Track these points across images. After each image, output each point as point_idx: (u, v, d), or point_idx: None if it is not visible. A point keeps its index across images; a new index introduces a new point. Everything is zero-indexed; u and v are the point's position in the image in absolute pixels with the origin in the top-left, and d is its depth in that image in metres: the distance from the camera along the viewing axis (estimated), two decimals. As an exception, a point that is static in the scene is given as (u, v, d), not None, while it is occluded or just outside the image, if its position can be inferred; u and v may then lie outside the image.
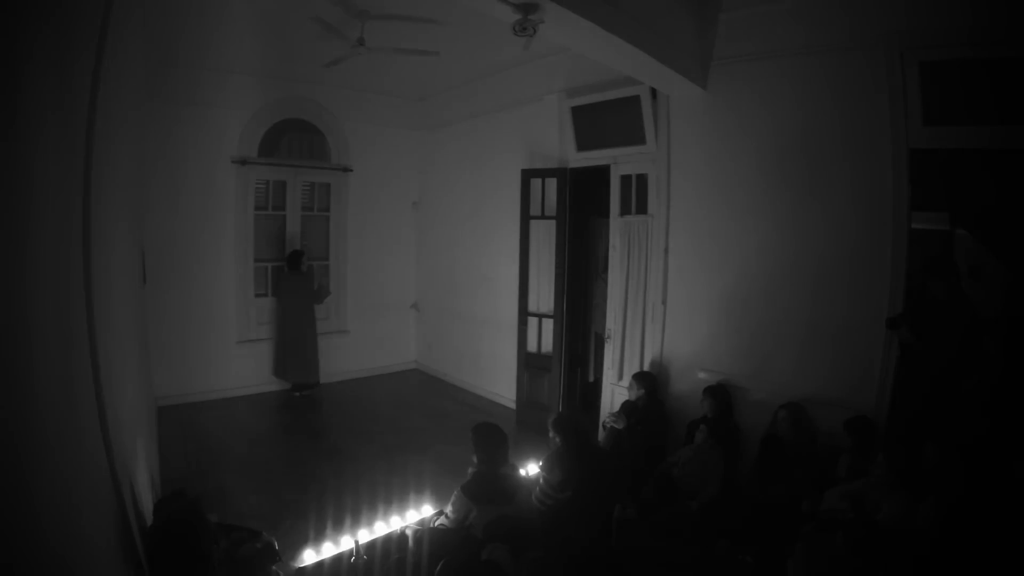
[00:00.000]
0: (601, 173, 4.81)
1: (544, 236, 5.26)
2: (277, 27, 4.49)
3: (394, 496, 3.56)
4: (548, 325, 5.23)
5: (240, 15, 4.25)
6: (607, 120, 4.62)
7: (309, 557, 2.78)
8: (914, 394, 3.17)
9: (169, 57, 5.00)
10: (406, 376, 7.08)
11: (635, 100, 4.35)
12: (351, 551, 2.81)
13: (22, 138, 1.02)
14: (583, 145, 4.86)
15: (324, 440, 4.99)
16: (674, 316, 4.30)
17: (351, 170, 6.56)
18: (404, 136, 7.03)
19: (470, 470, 2.90)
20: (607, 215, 4.82)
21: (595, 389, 5.21)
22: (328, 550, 2.85)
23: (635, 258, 4.57)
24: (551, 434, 3.30)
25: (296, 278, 5.92)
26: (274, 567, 2.34)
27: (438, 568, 2.15)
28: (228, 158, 5.73)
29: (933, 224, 4.23)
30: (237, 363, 5.93)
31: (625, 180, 4.66)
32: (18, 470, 0.94)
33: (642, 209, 4.51)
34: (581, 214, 5.26)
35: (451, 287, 6.72)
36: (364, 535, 2.90)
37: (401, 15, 4.03)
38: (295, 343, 5.95)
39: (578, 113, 4.78)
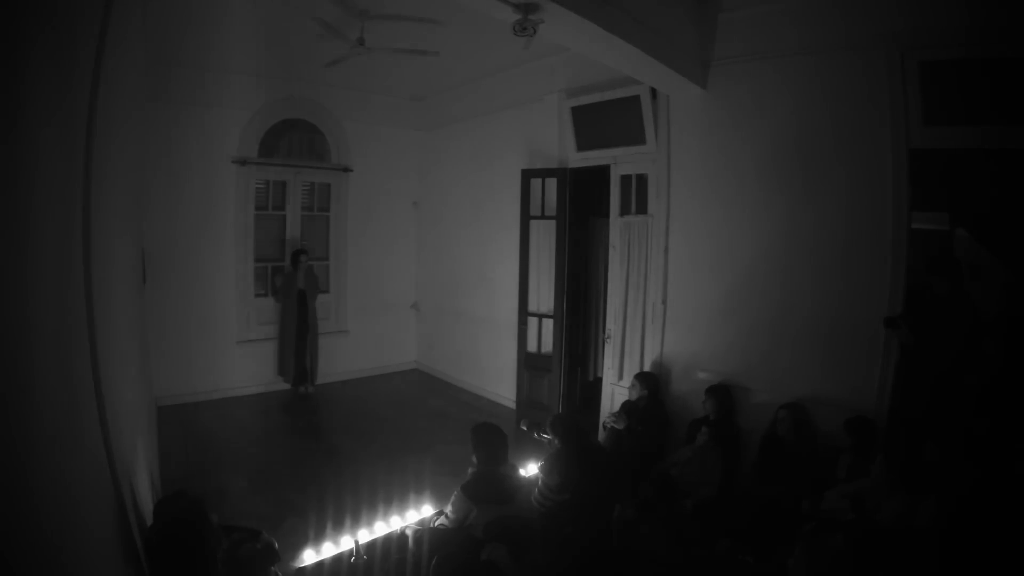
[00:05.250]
0: (601, 173, 4.81)
1: (544, 236, 5.26)
2: (277, 27, 4.49)
3: (394, 496, 3.56)
4: (548, 325, 5.23)
5: (240, 15, 4.25)
6: (607, 120, 4.62)
7: (309, 557, 2.78)
8: (914, 394, 3.17)
9: (169, 57, 5.00)
10: (406, 376, 7.08)
11: (635, 100, 4.35)
12: (351, 551, 2.82)
13: (23, 138, 1.02)
14: (583, 145, 4.86)
15: (324, 440, 4.99)
16: (674, 316, 4.30)
17: (351, 170, 6.56)
18: (404, 136, 7.03)
19: (470, 470, 2.90)
20: (607, 215, 4.82)
21: (595, 389, 5.21)
22: (328, 550, 2.85)
23: (635, 258, 4.57)
24: (549, 436, 3.30)
25: (292, 277, 5.93)
26: (274, 567, 2.34)
27: (433, 563, 2.15)
28: (228, 158, 5.73)
29: (933, 224, 4.23)
30: (237, 363, 5.93)
31: (625, 180, 4.66)
32: (18, 470, 0.94)
33: (642, 209, 4.51)
34: (581, 214, 5.26)
35: (451, 287, 6.72)
36: (364, 535, 2.90)
37: (401, 15, 4.03)
38: (283, 343, 6.00)
39: (578, 113, 4.78)
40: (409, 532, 2.90)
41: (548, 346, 5.23)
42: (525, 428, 3.69)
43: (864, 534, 2.43)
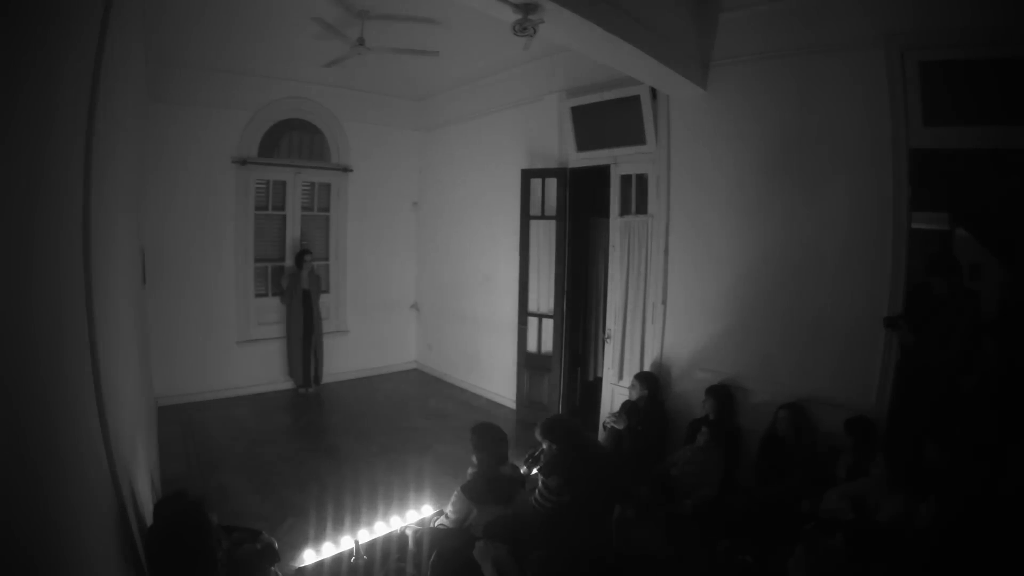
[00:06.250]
0: (601, 173, 4.81)
1: (544, 236, 5.26)
2: (277, 27, 4.50)
3: (394, 496, 3.56)
4: (548, 325, 5.23)
5: (240, 15, 4.25)
6: (607, 120, 4.62)
7: (309, 557, 2.78)
8: (914, 394, 3.17)
9: (169, 57, 5.00)
10: (406, 376, 7.08)
11: (635, 100, 4.35)
12: (351, 551, 2.82)
13: (22, 138, 1.02)
14: (583, 145, 4.86)
15: (324, 440, 4.99)
16: (674, 316, 4.30)
17: (351, 170, 6.56)
18: (404, 136, 7.03)
19: (470, 470, 2.90)
20: (607, 215, 4.82)
21: (595, 389, 5.21)
22: (328, 550, 2.85)
23: (635, 258, 4.57)
24: (541, 440, 3.24)
25: (296, 278, 5.96)
26: (274, 567, 2.34)
27: (431, 558, 2.15)
28: (228, 158, 5.73)
29: (933, 224, 4.24)
30: (237, 363, 5.94)
31: (625, 180, 4.66)
32: (17, 470, 0.94)
33: (642, 209, 4.51)
34: (581, 214, 5.26)
35: (451, 287, 6.72)
36: (364, 535, 2.90)
37: (401, 15, 4.03)
38: (291, 343, 6.06)
39: (578, 113, 4.78)
40: (409, 532, 2.90)
41: (548, 346, 5.23)
42: (528, 465, 3.51)
43: (864, 534, 2.43)
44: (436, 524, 2.87)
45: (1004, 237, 4.02)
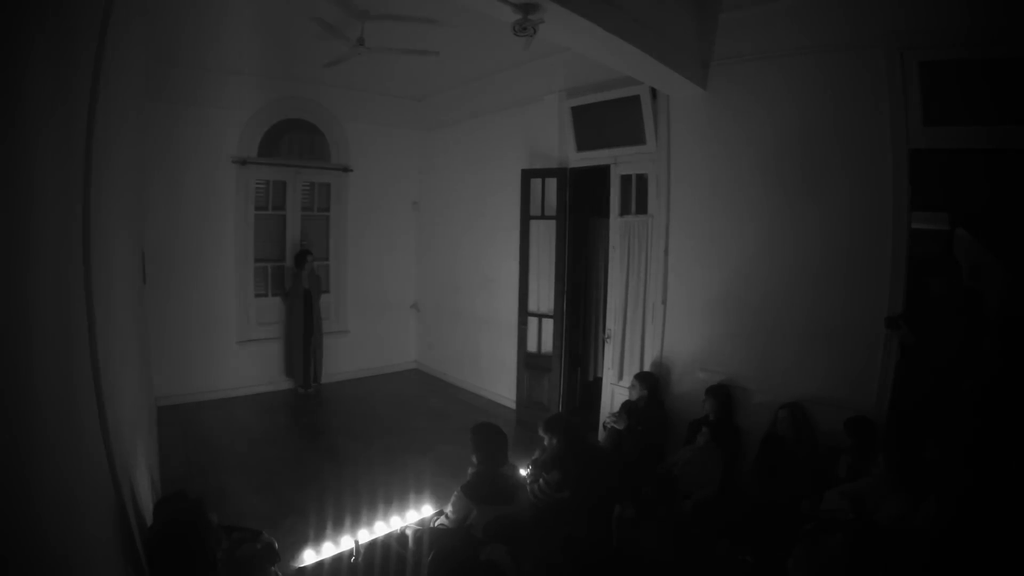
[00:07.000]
0: (601, 173, 4.81)
1: (544, 236, 5.26)
2: (277, 27, 4.49)
3: (394, 496, 3.56)
4: (548, 325, 5.23)
5: (240, 15, 4.25)
6: (607, 120, 4.62)
7: (309, 557, 2.79)
8: (914, 394, 3.17)
9: (169, 57, 5.00)
10: (406, 376, 7.08)
11: (635, 100, 4.35)
12: (351, 551, 2.82)
13: (22, 139, 1.02)
14: (583, 145, 4.86)
15: (324, 440, 4.99)
16: (674, 316, 4.30)
17: (351, 170, 6.56)
18: (404, 136, 7.03)
19: (470, 470, 2.90)
20: (607, 215, 4.82)
21: (595, 389, 5.21)
22: (328, 550, 2.85)
23: (635, 258, 4.57)
24: (544, 436, 3.29)
25: (297, 278, 5.96)
26: (274, 567, 2.34)
27: (429, 559, 2.15)
28: (228, 158, 5.73)
29: (933, 224, 4.23)
30: (237, 363, 5.94)
31: (625, 180, 4.66)
32: (18, 470, 0.94)
33: (642, 209, 4.51)
34: (581, 214, 5.26)
35: (451, 287, 6.72)
36: (364, 535, 2.90)
37: (401, 15, 4.03)
38: (290, 343, 6.07)
39: (578, 113, 4.78)
40: (409, 532, 2.90)
41: (548, 346, 5.23)
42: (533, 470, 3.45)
43: (864, 534, 2.43)
44: (436, 524, 2.87)
45: (1004, 237, 4.02)
